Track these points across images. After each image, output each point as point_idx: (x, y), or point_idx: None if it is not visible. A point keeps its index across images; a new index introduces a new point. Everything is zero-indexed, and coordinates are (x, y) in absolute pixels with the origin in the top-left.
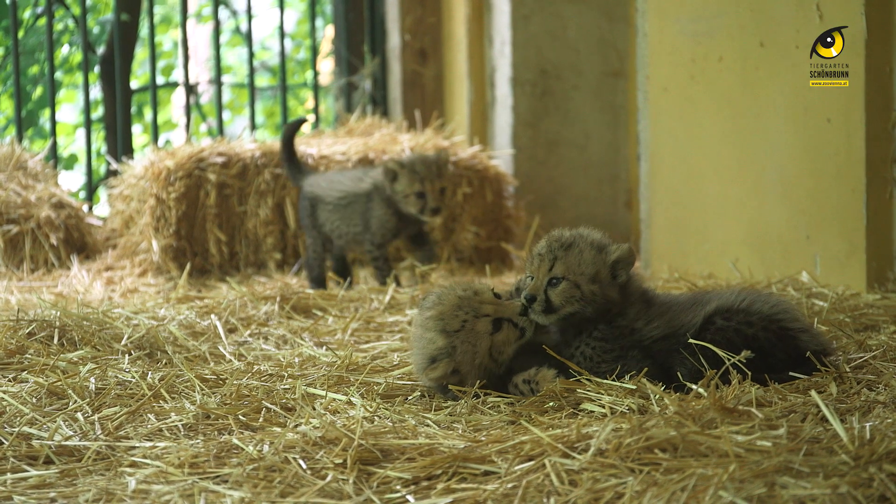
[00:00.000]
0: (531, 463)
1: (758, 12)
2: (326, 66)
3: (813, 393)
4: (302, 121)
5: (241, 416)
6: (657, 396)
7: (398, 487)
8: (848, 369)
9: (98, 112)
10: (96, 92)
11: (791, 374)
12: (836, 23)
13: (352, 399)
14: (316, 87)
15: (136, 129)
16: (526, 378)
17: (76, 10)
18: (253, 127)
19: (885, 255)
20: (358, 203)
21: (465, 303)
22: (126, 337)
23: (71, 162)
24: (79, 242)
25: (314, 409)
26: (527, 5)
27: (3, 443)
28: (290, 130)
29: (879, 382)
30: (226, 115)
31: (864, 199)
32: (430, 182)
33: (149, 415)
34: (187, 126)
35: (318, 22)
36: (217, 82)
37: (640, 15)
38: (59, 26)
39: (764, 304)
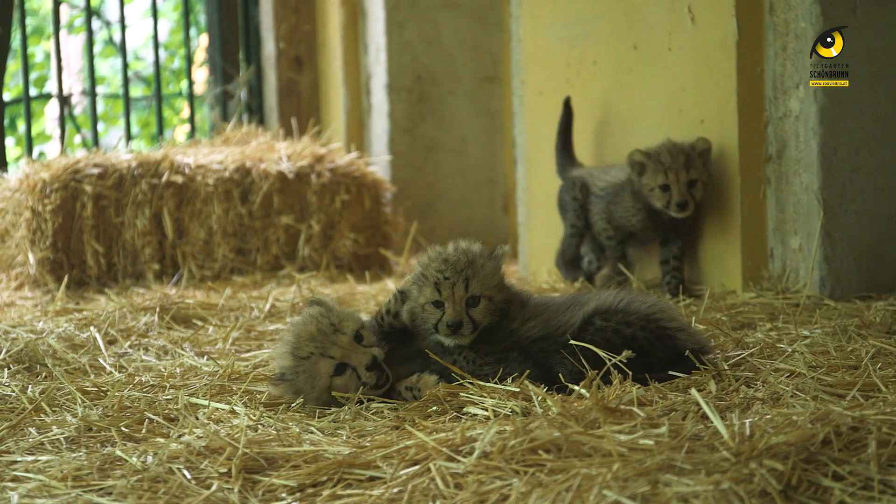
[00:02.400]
0: (416, 467)
1: (631, 16)
2: (201, 76)
3: (693, 391)
4: (568, 101)
5: (123, 428)
6: (540, 398)
7: (284, 495)
8: (726, 367)
9: None
10: None
11: (671, 372)
12: (708, 25)
13: (235, 408)
14: (191, 97)
15: (10, 141)
16: (408, 385)
17: None
18: (128, 137)
19: (759, 254)
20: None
21: (320, 337)
22: (4, 351)
23: None
24: None
25: (197, 418)
26: (401, 12)
27: None
28: (568, 116)
29: (757, 379)
30: (100, 126)
31: (739, 198)
32: (674, 173)
33: (30, 428)
34: (62, 138)
35: (192, 31)
36: (91, 93)
37: (514, 20)
38: None
39: (641, 304)
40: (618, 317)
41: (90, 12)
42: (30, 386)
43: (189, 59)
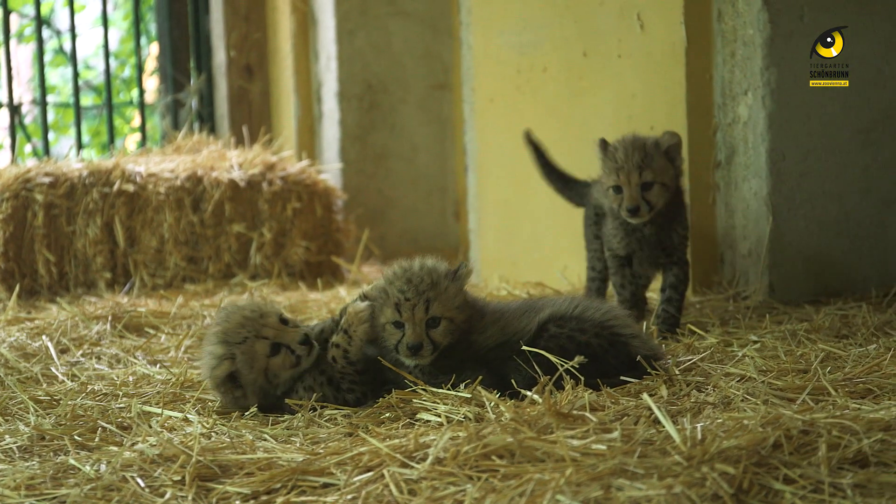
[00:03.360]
0: (370, 474)
1: (581, 23)
2: (152, 85)
3: (645, 396)
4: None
5: (76, 437)
6: (493, 404)
7: (238, 503)
8: (677, 372)
9: None
10: None
11: (622, 378)
12: (658, 32)
13: (188, 416)
14: (142, 106)
15: None
16: (342, 326)
17: None
18: (79, 146)
19: (710, 259)
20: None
21: (249, 323)
22: None
23: None
24: None
25: (150, 426)
26: (352, 20)
27: None
28: (537, 150)
29: (708, 384)
30: (51, 135)
31: (689, 204)
32: (625, 174)
33: None
34: (12, 147)
35: (143, 40)
36: (42, 102)
37: (465, 27)
38: None
39: (596, 310)
40: (572, 323)
41: (40, 21)
42: None
43: (140, 68)
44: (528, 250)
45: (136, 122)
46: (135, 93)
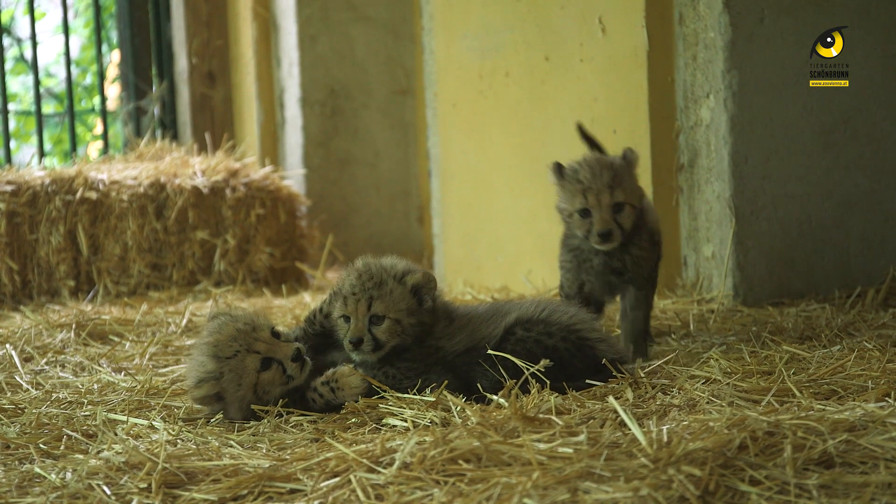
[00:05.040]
0: (337, 479)
1: (543, 27)
2: (114, 92)
3: (610, 398)
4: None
5: (42, 445)
6: (458, 408)
7: None
8: (643, 375)
9: None
10: None
11: (588, 381)
12: (619, 36)
13: (154, 423)
14: (104, 113)
15: None
16: (325, 380)
17: None
18: (41, 154)
19: (673, 262)
20: None
21: (241, 336)
22: None
23: None
24: None
25: (116, 434)
26: (314, 26)
27: None
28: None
29: (673, 386)
30: (12, 143)
31: (652, 207)
32: (594, 195)
33: None
34: None
35: (104, 47)
36: (3, 111)
37: (427, 32)
38: None
39: (563, 314)
40: (539, 327)
41: (0, 29)
42: None
43: (101, 76)
44: (492, 254)
45: (99, 129)
46: (96, 100)
